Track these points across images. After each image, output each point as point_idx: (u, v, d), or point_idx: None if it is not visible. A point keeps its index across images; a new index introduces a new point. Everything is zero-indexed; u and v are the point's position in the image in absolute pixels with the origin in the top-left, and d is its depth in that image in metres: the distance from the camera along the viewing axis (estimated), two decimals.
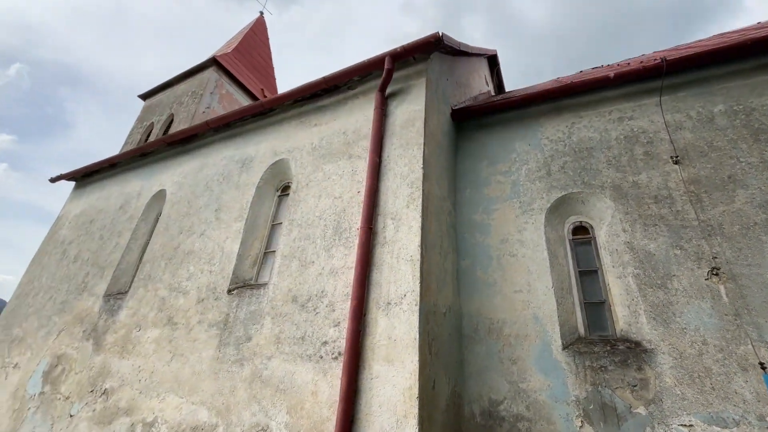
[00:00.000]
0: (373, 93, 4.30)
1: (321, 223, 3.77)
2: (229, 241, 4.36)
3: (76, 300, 5.43)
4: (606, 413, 2.89)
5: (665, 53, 5.65)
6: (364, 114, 4.24)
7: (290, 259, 3.75)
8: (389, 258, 3.16)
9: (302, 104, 4.90)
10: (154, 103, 12.64)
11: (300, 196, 4.13)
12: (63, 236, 6.83)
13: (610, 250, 3.52)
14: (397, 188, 3.48)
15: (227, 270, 4.15)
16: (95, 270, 5.61)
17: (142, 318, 4.46)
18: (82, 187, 7.61)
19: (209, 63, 11.60)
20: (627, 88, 4.02)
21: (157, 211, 5.91)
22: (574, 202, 3.89)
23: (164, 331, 4.15)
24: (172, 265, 4.67)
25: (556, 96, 4.29)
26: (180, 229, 4.97)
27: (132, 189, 6.34)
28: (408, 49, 3.91)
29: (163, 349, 4.02)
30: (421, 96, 3.91)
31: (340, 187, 3.87)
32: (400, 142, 3.73)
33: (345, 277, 3.30)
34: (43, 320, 5.66)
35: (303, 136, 4.63)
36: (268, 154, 4.82)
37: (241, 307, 3.77)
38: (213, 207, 4.84)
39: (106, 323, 4.78)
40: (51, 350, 5.08)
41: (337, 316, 3.15)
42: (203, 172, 5.39)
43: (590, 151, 3.97)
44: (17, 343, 5.73)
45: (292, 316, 3.39)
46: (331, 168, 4.08)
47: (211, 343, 3.71)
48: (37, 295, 6.21)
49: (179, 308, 4.21)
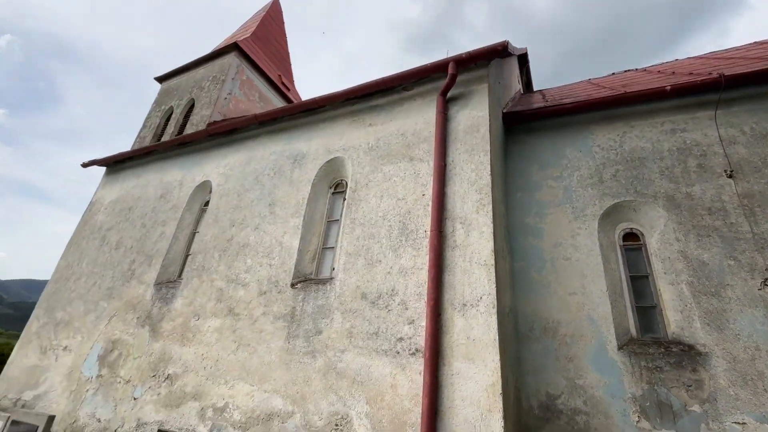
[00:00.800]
0: (431, 95, 4.41)
1: (385, 223, 3.92)
2: (287, 236, 4.51)
3: (125, 287, 5.58)
4: (662, 410, 3.14)
5: (705, 61, 5.77)
6: (423, 116, 4.35)
7: (355, 256, 3.91)
8: (461, 261, 3.33)
9: (353, 103, 4.98)
10: (171, 86, 12.52)
11: (360, 195, 4.26)
12: (100, 222, 6.92)
13: (662, 258, 3.73)
14: (465, 193, 3.63)
15: (288, 264, 4.31)
16: (141, 258, 5.74)
17: (200, 307, 4.63)
18: (114, 173, 7.65)
19: (230, 48, 11.47)
20: (680, 100, 4.16)
21: (201, 201, 6.01)
22: (626, 209, 4.07)
23: (226, 321, 4.33)
24: (227, 257, 4.82)
25: (608, 105, 4.42)
26: (231, 222, 5.10)
27: (172, 178, 6.41)
28: (474, 55, 4.00)
29: (226, 338, 4.20)
30: (484, 102, 4.03)
31: (402, 189, 4.01)
32: (465, 147, 3.86)
33: (416, 278, 3.47)
34: (89, 305, 5.81)
35: (357, 135, 4.74)
36: (321, 152, 4.92)
37: (307, 301, 3.94)
38: (266, 201, 4.96)
39: (160, 311, 4.94)
40: (104, 335, 5.25)
41: (411, 314, 3.34)
42: (251, 165, 5.48)
43: (642, 161, 4.13)
44: (63, 326, 5.89)
45: (362, 312, 3.58)
46: (392, 169, 4.21)
47: (278, 335, 3.90)
48: (78, 279, 6.34)
49: (240, 299, 4.38)
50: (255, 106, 11.89)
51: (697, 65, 5.54)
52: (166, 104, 12.06)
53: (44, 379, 5.45)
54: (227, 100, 10.86)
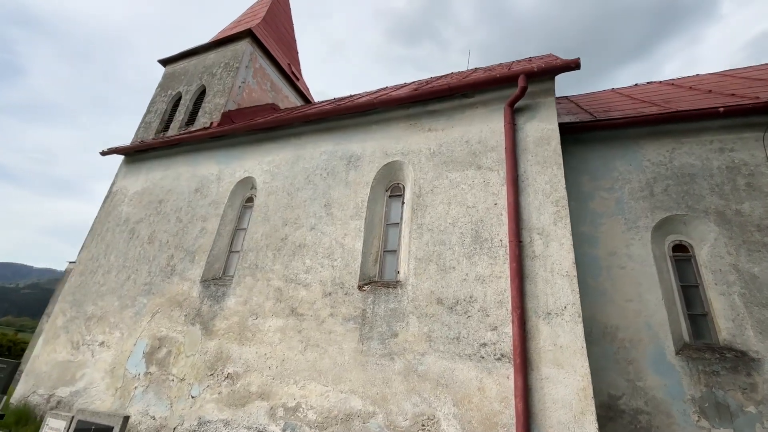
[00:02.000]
0: (494, 104, 4.52)
1: (456, 230, 4.04)
2: (348, 238, 4.56)
3: (166, 283, 5.48)
4: (720, 411, 3.44)
5: (728, 79, 6.10)
6: (488, 125, 4.46)
7: (426, 262, 4.02)
8: (542, 271, 3.50)
9: (408, 106, 5.02)
10: (177, 70, 12.08)
11: (426, 200, 4.35)
12: (126, 214, 6.72)
13: (712, 269, 4.02)
14: (540, 205, 3.78)
15: (352, 267, 4.37)
16: (181, 254, 5.64)
17: (257, 307, 4.64)
18: (135, 162, 7.40)
19: (243, 34, 11.16)
20: (729, 120, 4.43)
21: (241, 197, 5.94)
22: (676, 222, 4.33)
23: (289, 321, 4.36)
24: (283, 257, 4.83)
25: (660, 121, 4.65)
26: (284, 221, 5.09)
27: (207, 172, 6.28)
28: (546, 70, 4.12)
29: (291, 339, 4.25)
30: (552, 115, 4.17)
31: (472, 197, 4.13)
32: (536, 159, 4.01)
33: (495, 286, 3.62)
34: (125, 300, 5.69)
35: (417, 140, 4.80)
36: (377, 154, 4.96)
37: (378, 304, 4.03)
38: (320, 202, 4.97)
39: (212, 309, 4.91)
40: (148, 332, 5.17)
41: (493, 321, 3.50)
42: (299, 164, 5.45)
43: (692, 177, 4.40)
44: (97, 321, 5.75)
45: (440, 317, 3.71)
46: (458, 176, 4.31)
47: (350, 337, 3.98)
48: (107, 273, 6.17)
49: (302, 300, 4.42)
50: (267, 95, 11.67)
51: (727, 84, 5.86)
52: (172, 89, 11.67)
53: (81, 375, 5.34)
54: (241, 88, 10.63)
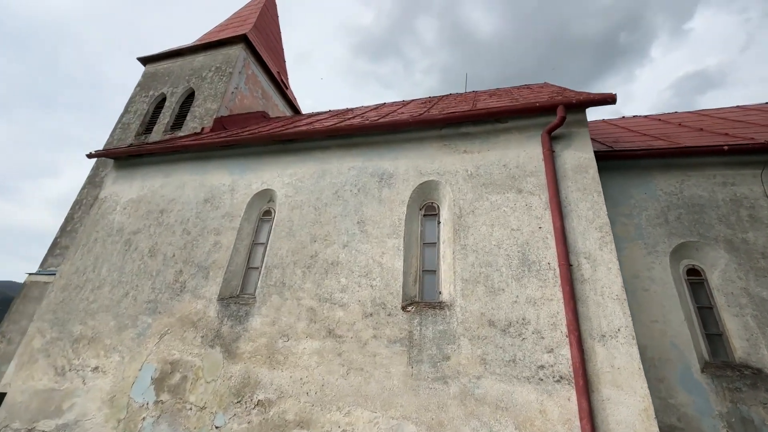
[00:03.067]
0: (529, 131, 4.72)
1: (501, 252, 4.12)
2: (387, 257, 4.49)
3: (175, 301, 5.05)
4: (746, 425, 3.74)
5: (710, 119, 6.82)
6: (524, 150, 4.63)
7: (473, 283, 4.05)
8: (593, 295, 3.65)
9: (441, 127, 5.10)
10: (160, 70, 11.45)
11: (467, 221, 4.41)
12: (119, 223, 6.15)
13: (724, 292, 4.41)
14: (584, 230, 3.96)
15: (393, 287, 4.30)
16: (192, 269, 5.24)
17: (288, 328, 4.40)
18: (127, 167, 6.83)
19: (237, 39, 10.85)
20: (730, 158, 4.94)
21: (258, 210, 5.66)
22: (689, 248, 4.72)
23: (326, 343, 4.18)
24: (314, 275, 4.64)
25: (670, 155, 5.08)
26: (312, 237, 4.91)
27: (218, 182, 5.94)
28: (583, 102, 4.38)
29: (330, 362, 4.07)
30: (587, 144, 4.42)
31: (515, 220, 4.24)
32: (577, 186, 4.21)
33: (547, 308, 3.72)
34: (124, 319, 5.16)
35: (452, 161, 4.87)
36: (411, 173, 4.97)
37: (425, 326, 3.98)
38: (353, 218, 4.87)
39: (233, 330, 4.59)
40: (156, 355, 4.71)
41: (548, 343, 3.58)
42: (326, 179, 5.32)
43: (702, 207, 4.83)
44: (87, 343, 5.15)
45: (493, 339, 3.73)
46: (499, 199, 4.42)
47: (397, 360, 3.89)
48: (98, 288, 5.58)
49: (340, 321, 4.26)
50: (258, 102, 11.38)
51: (710, 123, 6.55)
52: (155, 90, 11.06)
53: (70, 406, 4.73)
54: (234, 94, 10.31)
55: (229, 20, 13.69)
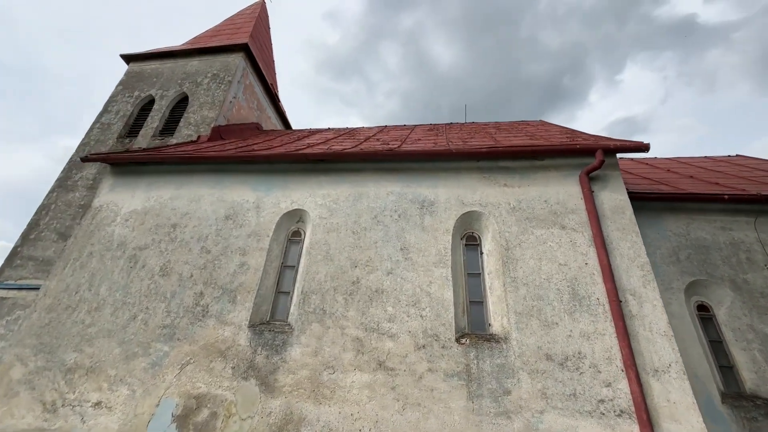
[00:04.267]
0: (565, 169, 5.02)
1: (552, 286, 4.27)
2: (435, 286, 4.46)
3: (197, 327, 4.61)
4: None
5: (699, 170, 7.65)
6: (564, 188, 4.89)
7: (527, 316, 4.14)
8: (642, 330, 3.88)
9: (479, 159, 5.26)
10: (147, 70, 10.75)
11: (515, 254, 4.53)
12: (120, 236, 5.55)
13: (732, 328, 4.88)
14: (627, 268, 4.23)
15: (445, 317, 4.27)
16: (215, 292, 4.84)
17: (333, 359, 4.18)
18: (127, 174, 6.24)
19: (237, 47, 10.51)
20: (728, 205, 5.56)
21: (286, 230, 5.40)
22: (699, 286, 5.19)
23: (377, 376, 4.02)
24: (357, 302, 4.49)
25: (677, 199, 5.62)
26: (353, 262, 4.76)
27: (240, 198, 5.60)
28: (620, 148, 4.75)
29: (384, 396, 3.91)
30: (622, 187, 4.78)
31: (562, 255, 4.43)
32: (616, 226, 4.51)
33: (601, 343, 3.89)
34: (132, 347, 4.60)
35: (494, 193, 5.02)
36: (453, 202, 5.04)
37: (482, 359, 3.98)
38: (395, 245, 4.81)
39: (270, 361, 4.27)
40: (178, 388, 4.24)
41: (606, 377, 3.72)
42: (363, 202, 5.23)
43: (707, 249, 5.36)
44: (85, 373, 4.52)
45: (552, 373, 3.81)
46: (544, 234, 4.60)
47: (456, 394, 3.83)
48: (97, 310, 4.96)
49: (390, 353, 4.13)
50: (253, 114, 11.05)
51: (695, 171, 7.35)
52: (140, 91, 10.36)
53: None
54: (232, 104, 9.94)
55: (221, 26, 13.24)
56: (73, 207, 8.21)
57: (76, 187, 8.55)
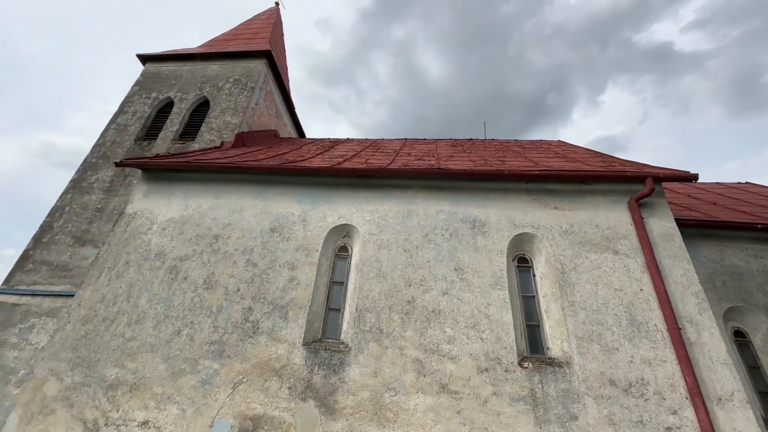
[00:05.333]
0: (612, 195, 5.14)
1: (609, 311, 4.33)
2: (493, 308, 4.47)
3: (248, 344, 4.48)
4: None
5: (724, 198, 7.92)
6: (613, 213, 5.00)
7: (587, 341, 4.18)
8: (702, 358, 3.97)
9: (528, 180, 5.33)
10: (164, 72, 10.55)
11: (571, 278, 4.58)
12: (158, 246, 5.37)
13: None
14: (682, 295, 4.34)
15: (505, 341, 4.27)
16: (265, 307, 4.72)
17: (393, 380, 4.13)
18: (161, 181, 6.07)
19: (260, 54, 10.44)
20: (759, 234, 5.78)
21: (333, 245, 5.34)
22: (735, 312, 5.36)
23: (440, 400, 3.98)
24: (413, 322, 4.45)
25: (711, 226, 5.81)
26: (407, 281, 4.73)
27: (285, 210, 5.51)
28: (669, 176, 4.90)
29: (449, 420, 3.87)
30: (669, 214, 4.91)
31: (617, 281, 4.51)
32: (667, 253, 4.62)
33: (662, 370, 3.95)
34: (179, 363, 4.44)
35: (545, 216, 5.08)
36: (504, 223, 5.08)
37: (546, 384, 3.99)
38: (448, 264, 4.80)
39: (328, 381, 4.18)
40: (231, 408, 4.09)
41: (671, 404, 3.78)
42: (413, 220, 5.22)
43: (740, 276, 5.55)
44: (129, 390, 4.32)
45: (617, 399, 3.85)
46: (598, 258, 4.68)
47: (523, 419, 3.82)
48: (138, 323, 4.76)
49: (452, 375, 4.11)
50: (272, 121, 10.97)
51: (719, 199, 7.62)
52: (158, 92, 10.17)
53: None
54: (254, 110, 9.82)
55: (237, 31, 13.13)
56: (89, 210, 7.93)
57: (92, 189, 8.27)
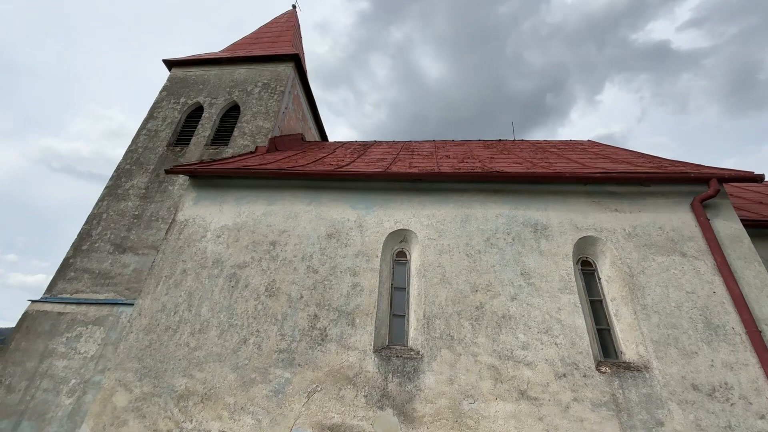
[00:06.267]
0: (674, 197, 5.10)
1: (683, 314, 4.29)
2: (564, 313, 4.43)
3: (317, 352, 4.45)
4: None
5: None
6: (675, 215, 4.96)
7: (664, 345, 4.15)
8: None
9: (586, 183, 5.30)
10: (191, 77, 10.52)
11: (640, 281, 4.55)
12: (214, 253, 5.34)
13: None
14: (756, 298, 4.30)
15: (580, 345, 4.24)
16: (330, 314, 4.69)
17: (470, 387, 4.09)
18: (210, 188, 6.03)
19: (287, 57, 10.40)
20: None
21: (391, 250, 5.30)
22: None
23: (521, 406, 3.95)
24: (484, 328, 4.42)
25: (763, 226, 5.78)
26: (472, 286, 4.70)
27: (340, 216, 5.48)
28: (734, 177, 4.86)
29: (532, 428, 3.84)
30: (734, 215, 4.87)
31: (688, 284, 4.47)
32: (737, 255, 4.59)
33: (745, 373, 3.92)
34: (249, 372, 4.40)
35: (606, 219, 5.05)
36: (566, 226, 5.04)
37: (627, 389, 3.96)
38: (514, 269, 4.77)
39: (403, 389, 4.14)
40: (308, 418, 4.06)
41: (758, 409, 3.75)
42: (472, 224, 5.18)
43: None
44: (200, 401, 4.28)
45: (702, 404, 3.81)
46: (665, 261, 4.64)
47: (609, 425, 3.78)
48: (201, 332, 4.73)
49: (530, 381, 4.07)
50: (298, 125, 10.94)
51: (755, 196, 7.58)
52: (187, 97, 10.15)
53: None
54: (284, 114, 9.78)
55: (258, 35, 13.10)
56: (126, 217, 7.90)
57: (128, 196, 8.25)
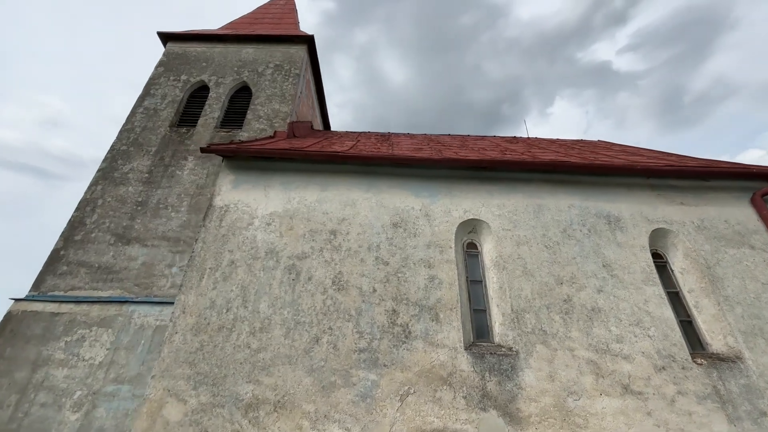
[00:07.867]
0: (733, 191, 5.26)
1: (763, 305, 4.37)
2: (651, 305, 4.36)
3: (403, 350, 4.03)
4: None
5: None
6: (738, 209, 5.09)
7: (752, 336, 4.18)
8: None
9: (649, 176, 5.31)
10: (191, 53, 9.59)
11: (717, 273, 4.58)
12: (266, 243, 4.73)
13: None
14: None
15: (673, 337, 4.17)
16: (411, 309, 4.29)
17: (572, 383, 3.88)
18: (250, 170, 5.38)
19: (301, 39, 9.76)
20: None
21: (462, 241, 4.98)
22: None
23: (627, 401, 3.79)
24: (575, 321, 4.23)
25: None
26: (557, 278, 4.50)
27: (403, 204, 5.08)
28: None
29: (642, 423, 3.69)
30: None
31: (761, 275, 4.57)
32: None
33: None
34: (327, 375, 3.89)
35: (674, 211, 5.07)
36: (638, 218, 5.00)
37: (726, 380, 3.93)
38: (594, 261, 4.64)
39: (503, 388, 3.84)
40: (405, 424, 3.63)
41: None
42: (545, 215, 5.00)
43: None
44: (274, 410, 3.72)
45: None
46: (737, 253, 4.72)
47: (716, 418, 3.73)
48: (262, 331, 4.14)
49: (631, 375, 3.93)
50: (309, 111, 10.34)
51: None
52: (189, 75, 9.27)
53: None
54: (299, 99, 9.16)
55: (257, 15, 12.23)
56: (128, 204, 6.95)
57: (128, 180, 7.27)
